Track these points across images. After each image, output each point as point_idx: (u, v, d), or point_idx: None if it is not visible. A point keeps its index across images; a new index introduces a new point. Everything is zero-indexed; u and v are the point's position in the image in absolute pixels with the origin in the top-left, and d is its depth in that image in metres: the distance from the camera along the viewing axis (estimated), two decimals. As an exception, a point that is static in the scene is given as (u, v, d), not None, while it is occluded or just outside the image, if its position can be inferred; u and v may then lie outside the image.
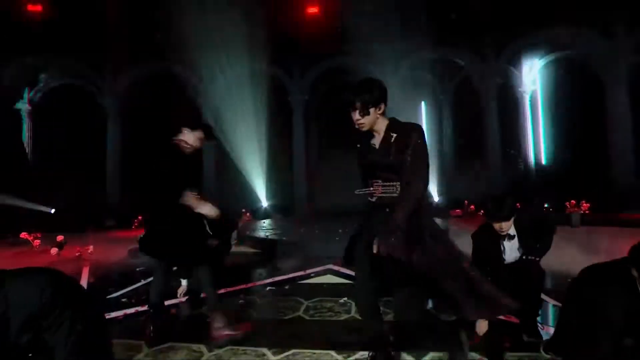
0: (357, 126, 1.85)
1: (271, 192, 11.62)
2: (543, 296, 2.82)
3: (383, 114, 1.86)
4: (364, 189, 1.96)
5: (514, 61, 11.39)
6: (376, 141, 1.91)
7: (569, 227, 7.43)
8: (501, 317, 2.54)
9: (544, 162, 11.68)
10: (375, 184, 1.89)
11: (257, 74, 11.20)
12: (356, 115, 1.81)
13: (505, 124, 11.34)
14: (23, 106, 11.71)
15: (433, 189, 11.28)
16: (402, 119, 1.96)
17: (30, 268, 1.34)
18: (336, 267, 4.26)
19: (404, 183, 1.83)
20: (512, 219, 2.25)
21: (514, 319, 2.47)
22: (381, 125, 1.87)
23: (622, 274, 1.52)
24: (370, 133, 1.90)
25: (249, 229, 7.30)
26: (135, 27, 10.65)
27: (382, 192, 1.87)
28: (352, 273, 4.05)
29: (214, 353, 2.19)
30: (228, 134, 10.63)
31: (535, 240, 2.30)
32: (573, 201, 8.53)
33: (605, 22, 10.15)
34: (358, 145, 1.99)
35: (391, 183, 1.85)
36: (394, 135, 1.85)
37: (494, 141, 11.18)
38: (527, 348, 2.14)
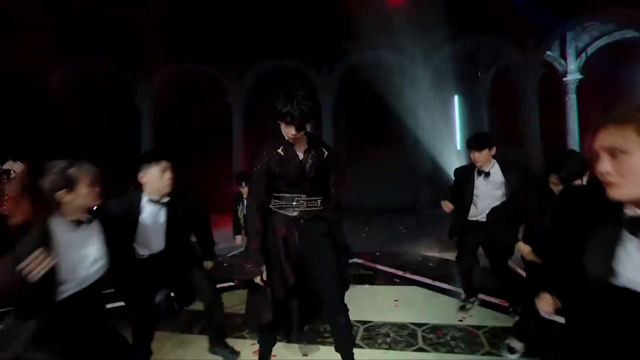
0: (288, 139, 1.82)
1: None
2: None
3: None
4: (281, 202, 1.90)
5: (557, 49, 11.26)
6: (301, 152, 1.88)
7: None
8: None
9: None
10: (298, 198, 1.87)
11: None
12: (292, 131, 1.75)
13: (546, 116, 11.32)
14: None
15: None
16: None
17: (181, 189, 2.41)
18: (360, 260, 5.07)
19: (332, 199, 1.96)
20: (485, 152, 2.84)
21: (503, 302, 3.13)
22: (303, 136, 1.89)
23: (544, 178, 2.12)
24: (285, 140, 1.86)
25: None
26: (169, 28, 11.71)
27: (308, 207, 1.88)
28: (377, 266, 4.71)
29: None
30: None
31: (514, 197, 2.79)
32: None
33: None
34: (280, 151, 1.86)
35: (315, 198, 1.90)
36: (325, 152, 1.92)
37: (534, 136, 11.15)
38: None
